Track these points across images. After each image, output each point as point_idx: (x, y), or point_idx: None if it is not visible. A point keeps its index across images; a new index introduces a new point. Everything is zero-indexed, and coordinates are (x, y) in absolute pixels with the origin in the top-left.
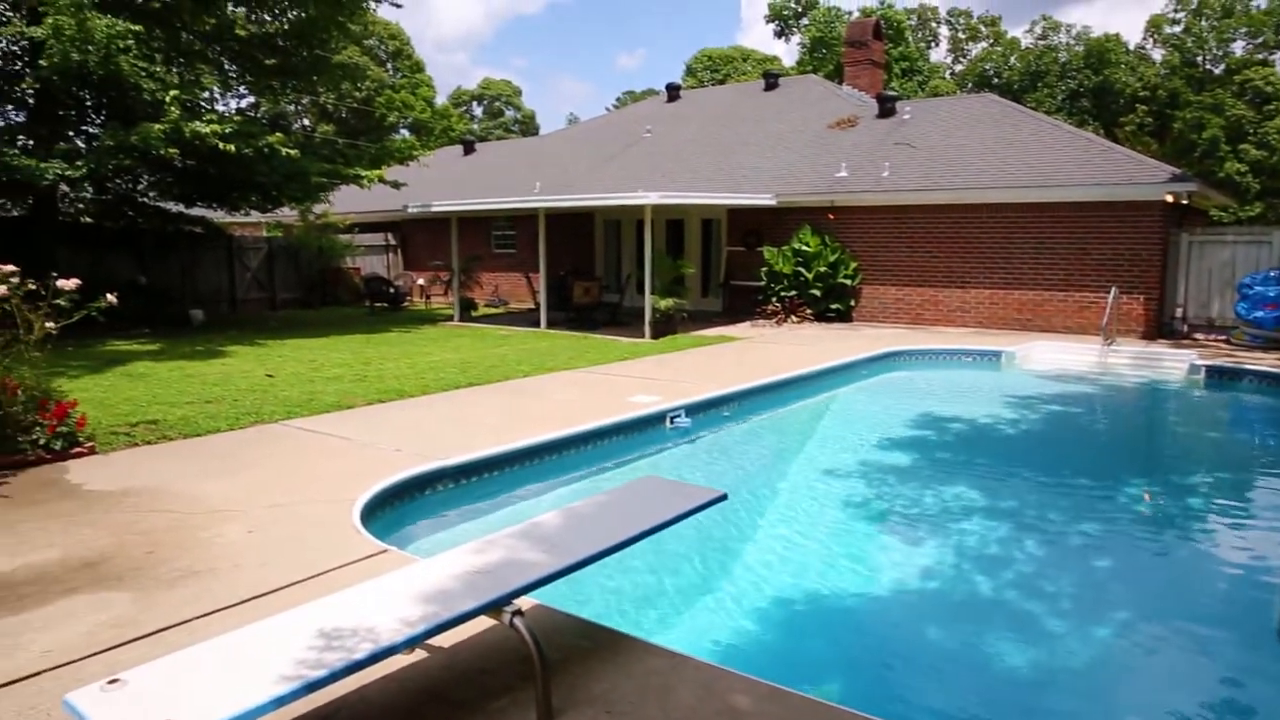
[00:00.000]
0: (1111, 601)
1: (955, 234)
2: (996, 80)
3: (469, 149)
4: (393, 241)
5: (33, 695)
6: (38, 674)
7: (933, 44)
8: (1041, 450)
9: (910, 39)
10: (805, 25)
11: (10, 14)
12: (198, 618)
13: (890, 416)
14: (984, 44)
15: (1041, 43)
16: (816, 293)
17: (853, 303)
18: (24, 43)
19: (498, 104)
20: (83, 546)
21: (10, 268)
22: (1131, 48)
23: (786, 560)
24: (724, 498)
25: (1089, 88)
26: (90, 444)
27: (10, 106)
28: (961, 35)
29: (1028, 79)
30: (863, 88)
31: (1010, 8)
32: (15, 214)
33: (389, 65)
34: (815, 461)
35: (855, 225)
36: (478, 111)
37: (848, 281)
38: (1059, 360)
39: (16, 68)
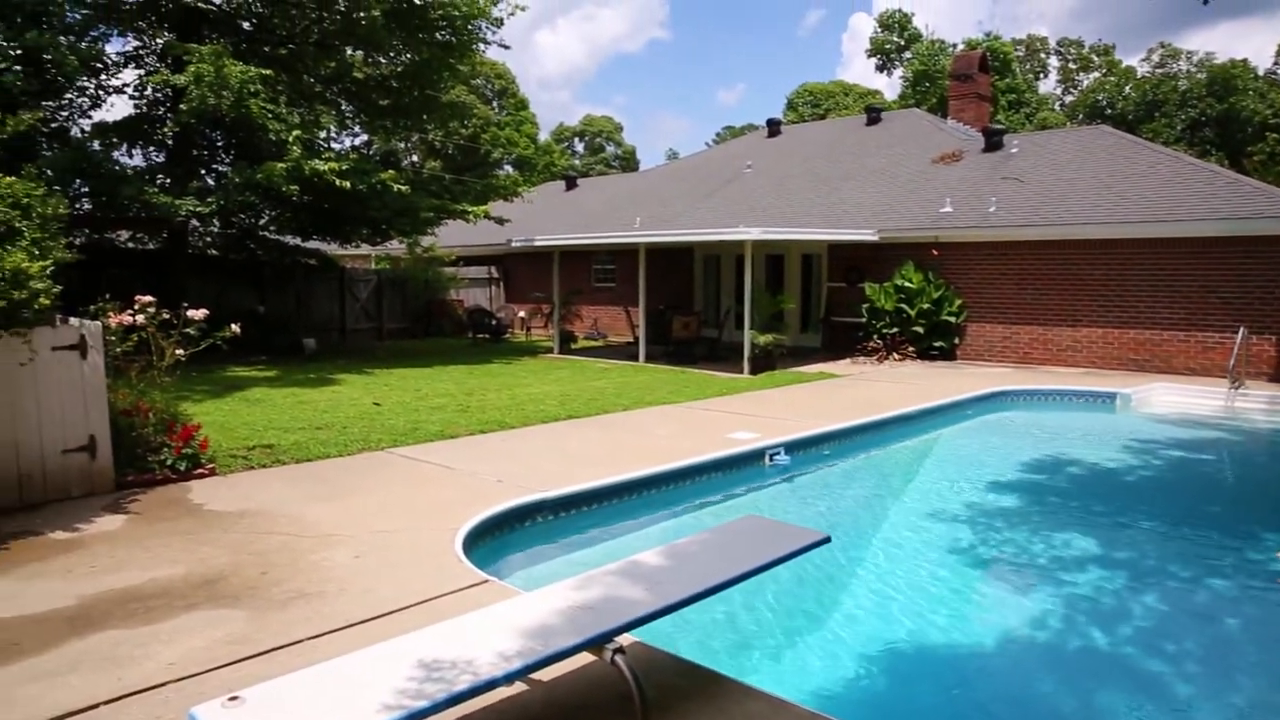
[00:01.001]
0: (1240, 669)
1: (1065, 271)
2: (1110, 111)
3: (571, 184)
4: (496, 274)
5: (159, 705)
6: (163, 684)
7: (1041, 75)
8: (1164, 499)
9: (1017, 70)
10: (908, 59)
11: (159, 64)
12: (307, 639)
13: (997, 459)
14: (1096, 74)
15: (1159, 71)
16: (919, 330)
17: (957, 340)
18: (167, 89)
19: (599, 140)
20: (203, 564)
21: (148, 298)
22: (1260, 73)
23: (887, 605)
24: (827, 540)
25: (1212, 116)
26: (211, 465)
27: (152, 148)
28: (1072, 65)
29: (1144, 109)
30: (968, 121)
31: (1124, 36)
32: (151, 247)
33: (495, 103)
34: (918, 504)
35: (960, 261)
36: (579, 147)
37: (952, 319)
38: (1181, 403)
39: (160, 112)
